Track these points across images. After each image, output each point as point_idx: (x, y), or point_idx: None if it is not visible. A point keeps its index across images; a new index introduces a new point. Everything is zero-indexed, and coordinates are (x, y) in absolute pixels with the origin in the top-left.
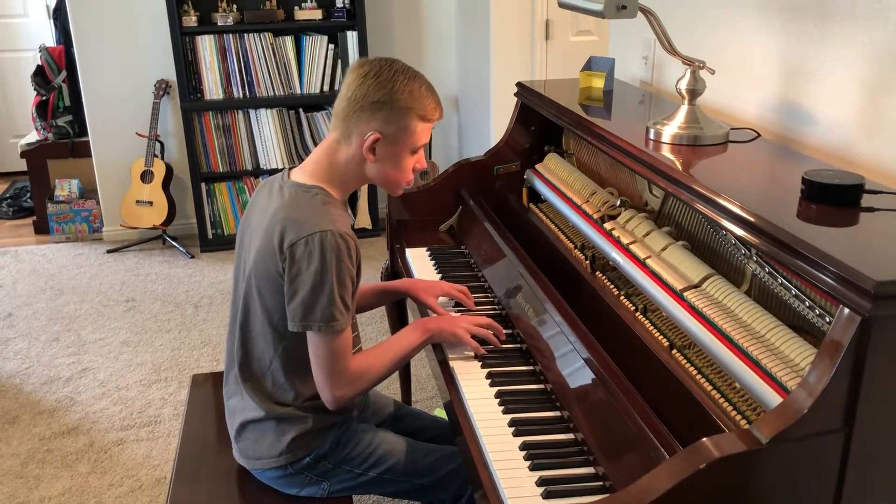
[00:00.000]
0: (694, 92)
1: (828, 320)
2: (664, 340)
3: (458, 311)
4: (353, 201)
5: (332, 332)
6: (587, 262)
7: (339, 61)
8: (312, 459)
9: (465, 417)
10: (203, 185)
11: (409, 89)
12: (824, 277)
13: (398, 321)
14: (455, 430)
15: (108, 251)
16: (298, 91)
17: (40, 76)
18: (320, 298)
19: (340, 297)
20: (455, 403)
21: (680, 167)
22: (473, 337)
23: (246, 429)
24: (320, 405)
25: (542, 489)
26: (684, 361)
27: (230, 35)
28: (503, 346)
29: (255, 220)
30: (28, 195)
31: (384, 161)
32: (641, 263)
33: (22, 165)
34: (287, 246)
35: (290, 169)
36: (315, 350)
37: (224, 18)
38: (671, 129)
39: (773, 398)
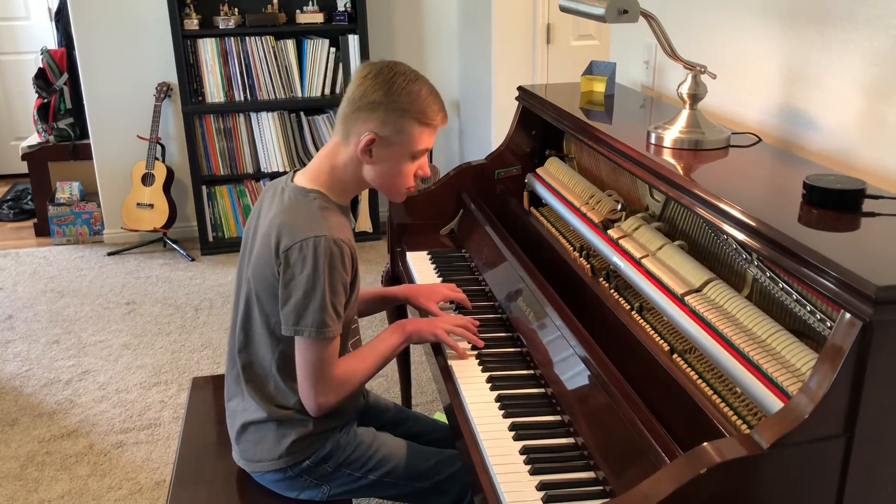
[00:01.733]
0: (695, 96)
1: (829, 325)
2: (665, 344)
3: (459, 314)
4: (353, 204)
5: (323, 338)
6: (588, 266)
7: (341, 65)
8: (312, 463)
9: (465, 421)
10: (204, 188)
11: (408, 91)
12: (825, 282)
13: None
14: (455, 433)
15: (109, 254)
16: (300, 94)
17: (42, 79)
18: (312, 304)
19: (332, 304)
20: (455, 407)
21: (681, 171)
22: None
23: (247, 430)
24: None
25: (542, 493)
26: (685, 366)
27: (231, 38)
28: (504, 349)
29: (259, 223)
30: (29, 198)
31: (381, 164)
32: (642, 267)
33: (23, 168)
34: (282, 250)
35: (295, 171)
36: (303, 355)
37: (225, 21)
38: (672, 134)
39: (774, 403)
